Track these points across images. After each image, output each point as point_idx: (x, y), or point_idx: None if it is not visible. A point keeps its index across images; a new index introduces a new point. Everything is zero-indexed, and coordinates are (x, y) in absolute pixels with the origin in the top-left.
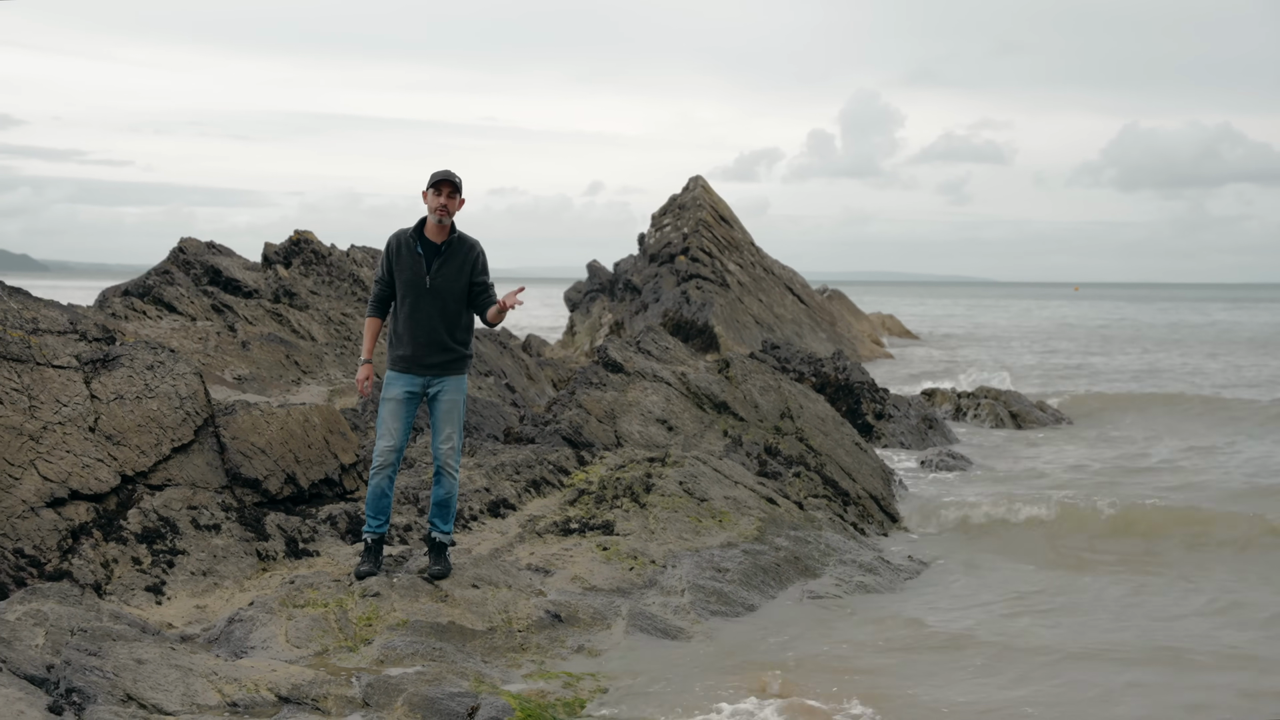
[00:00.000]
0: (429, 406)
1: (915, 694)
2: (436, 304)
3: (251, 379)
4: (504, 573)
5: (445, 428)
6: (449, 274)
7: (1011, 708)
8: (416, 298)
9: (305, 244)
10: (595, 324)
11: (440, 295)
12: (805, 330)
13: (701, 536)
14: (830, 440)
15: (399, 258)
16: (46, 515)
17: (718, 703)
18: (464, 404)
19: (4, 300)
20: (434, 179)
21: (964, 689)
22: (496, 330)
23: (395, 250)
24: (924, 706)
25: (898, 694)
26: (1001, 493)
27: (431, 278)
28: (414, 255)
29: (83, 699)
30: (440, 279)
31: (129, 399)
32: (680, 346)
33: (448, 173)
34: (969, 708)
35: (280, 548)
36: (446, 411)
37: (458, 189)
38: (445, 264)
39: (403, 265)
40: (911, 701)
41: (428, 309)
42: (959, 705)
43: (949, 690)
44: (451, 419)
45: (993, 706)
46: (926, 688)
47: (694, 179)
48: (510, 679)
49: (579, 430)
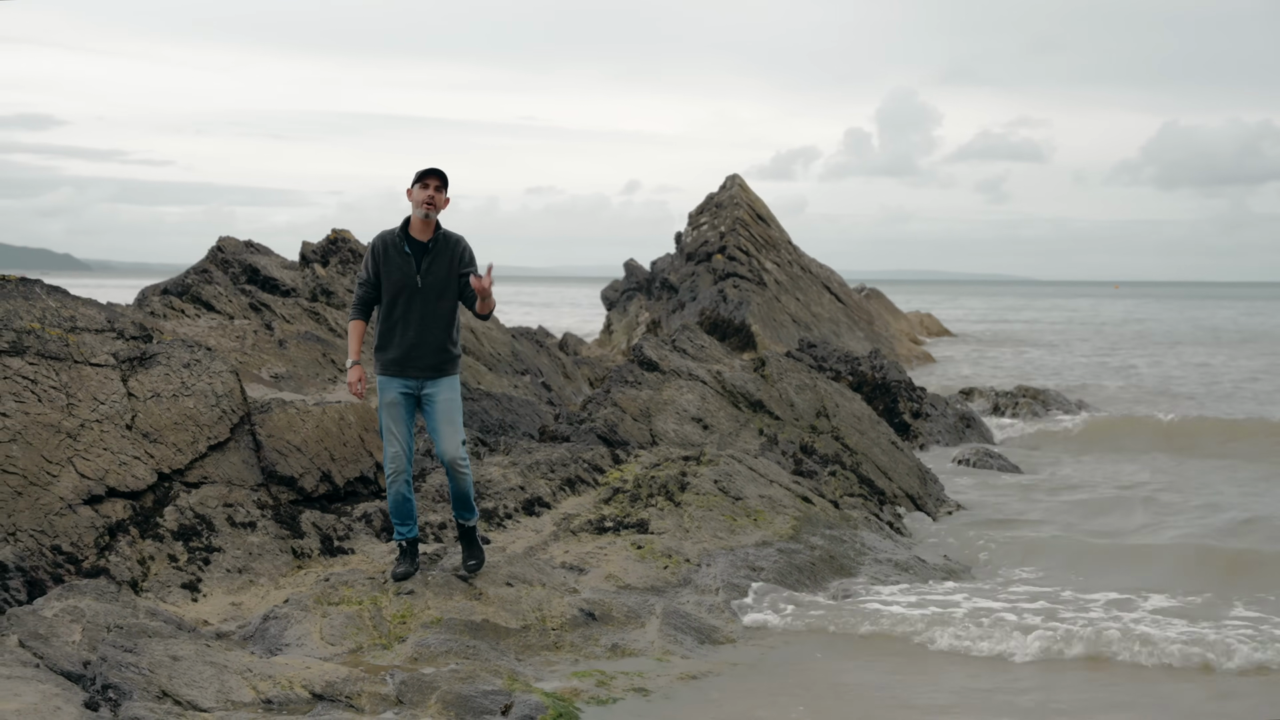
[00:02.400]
0: (424, 410)
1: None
2: (429, 303)
3: (288, 377)
4: (538, 571)
5: (446, 428)
6: (439, 272)
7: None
8: (409, 298)
9: (343, 243)
10: (632, 323)
11: (432, 294)
12: (843, 329)
13: (736, 535)
14: (866, 439)
15: (386, 259)
16: (84, 512)
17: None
18: (460, 401)
19: (42, 298)
20: (420, 173)
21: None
22: (534, 329)
23: (382, 251)
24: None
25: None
26: (1033, 488)
27: (422, 277)
28: (402, 255)
29: (118, 695)
30: (431, 277)
31: (166, 397)
32: (716, 345)
33: (435, 167)
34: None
35: (315, 545)
36: (445, 411)
37: (444, 183)
38: (434, 262)
39: (391, 266)
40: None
41: (420, 309)
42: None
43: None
44: (452, 417)
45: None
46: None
47: (731, 177)
48: (544, 677)
49: (614, 428)
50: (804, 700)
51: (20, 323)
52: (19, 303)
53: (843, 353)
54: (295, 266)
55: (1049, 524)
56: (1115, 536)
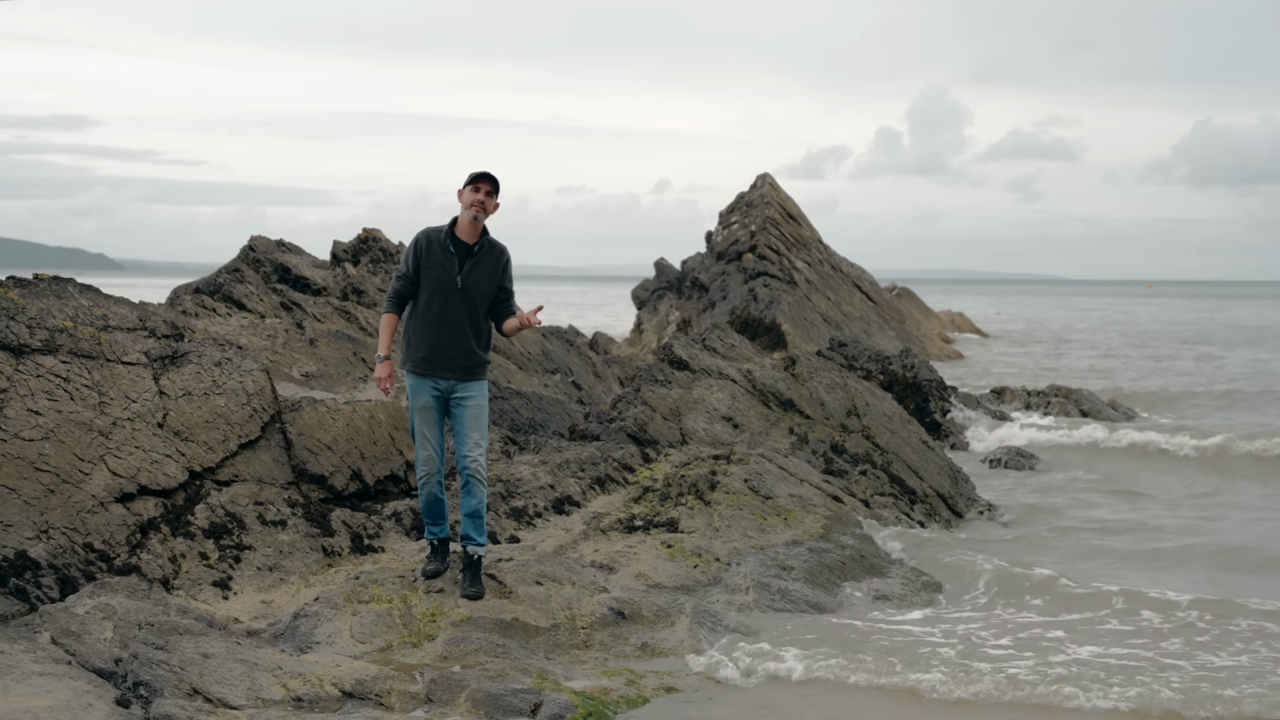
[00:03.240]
0: (451, 413)
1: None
2: (465, 306)
3: (319, 376)
4: (568, 569)
5: (472, 434)
6: (480, 276)
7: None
8: (445, 298)
9: (373, 242)
10: (662, 322)
11: (469, 297)
12: (873, 328)
13: (766, 534)
14: (897, 438)
15: (429, 255)
16: (116, 510)
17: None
18: (487, 408)
19: (75, 297)
20: (473, 177)
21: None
22: (564, 328)
23: (425, 247)
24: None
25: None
26: (1067, 486)
27: (463, 278)
28: (446, 254)
29: (150, 692)
30: (471, 280)
31: (197, 395)
32: (746, 344)
33: (487, 172)
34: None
35: (345, 544)
36: (473, 417)
37: (496, 188)
38: (477, 266)
39: (433, 263)
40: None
41: (456, 310)
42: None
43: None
44: (479, 424)
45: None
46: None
47: (762, 176)
48: (573, 676)
49: (644, 427)
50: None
51: (53, 321)
52: (52, 301)
53: (873, 352)
54: (326, 266)
55: (1077, 522)
56: (1140, 535)
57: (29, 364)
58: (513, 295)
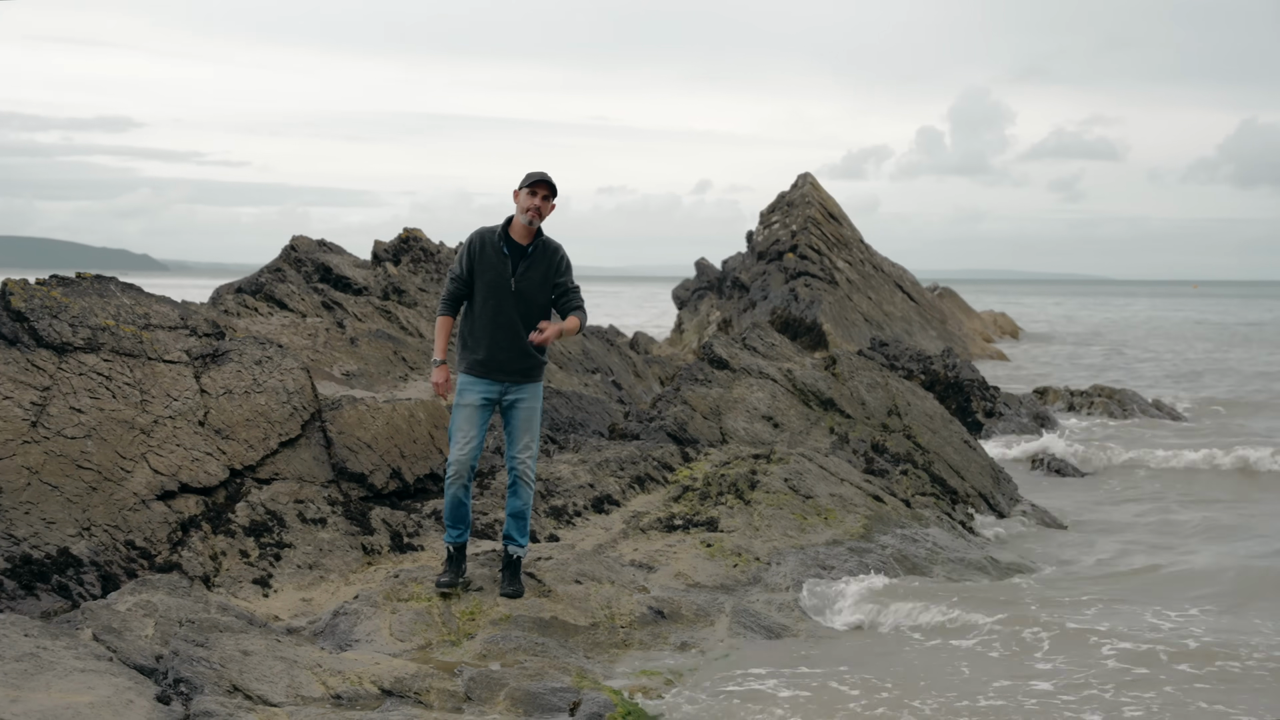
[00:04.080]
0: (504, 414)
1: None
2: (520, 308)
3: (360, 375)
4: (607, 568)
5: (524, 436)
6: (534, 278)
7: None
8: (499, 300)
9: (414, 241)
10: (703, 321)
11: (524, 299)
12: (915, 328)
13: (806, 534)
14: (938, 438)
15: (482, 257)
16: (157, 508)
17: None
18: (541, 411)
19: (117, 296)
20: (531, 180)
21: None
22: (605, 328)
23: (479, 248)
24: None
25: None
26: (1106, 489)
27: (516, 280)
28: (499, 255)
29: (190, 689)
30: (525, 282)
31: (238, 393)
32: (786, 343)
33: (545, 175)
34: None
35: (385, 542)
36: (526, 419)
37: (554, 192)
38: (531, 267)
39: (486, 265)
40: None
41: (510, 313)
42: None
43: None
44: (531, 427)
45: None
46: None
47: (803, 176)
48: (612, 675)
49: (684, 427)
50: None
51: (95, 320)
52: (94, 300)
53: (915, 351)
54: (367, 265)
55: (1122, 524)
56: (1175, 537)
57: (72, 362)
58: (572, 290)
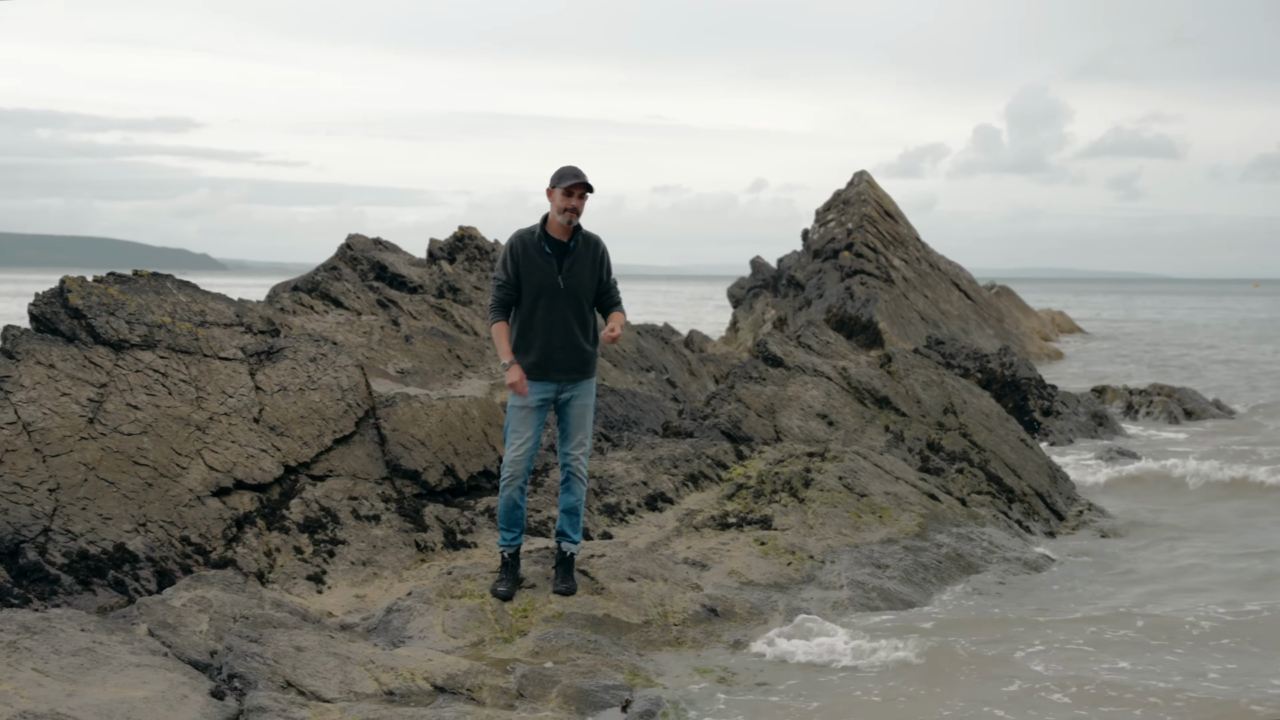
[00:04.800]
0: (558, 411)
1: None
2: (570, 305)
3: (414, 372)
4: (660, 566)
5: (577, 433)
6: (580, 273)
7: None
8: (550, 300)
9: (469, 240)
10: (758, 320)
11: (574, 295)
12: (971, 326)
13: (861, 532)
14: (995, 436)
15: (526, 258)
16: (212, 504)
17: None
18: (594, 408)
19: (173, 293)
20: (566, 180)
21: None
22: (659, 326)
23: (521, 251)
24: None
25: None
26: (1167, 489)
27: (564, 278)
28: (543, 255)
29: (244, 684)
30: (573, 279)
31: (292, 390)
32: (841, 341)
33: (580, 173)
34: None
35: (439, 539)
36: (579, 416)
37: (589, 191)
38: (576, 263)
39: (532, 266)
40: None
41: (562, 310)
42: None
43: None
44: (584, 424)
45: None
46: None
47: (859, 174)
48: (665, 673)
49: (738, 424)
50: (928, 689)
51: (151, 317)
52: (151, 298)
53: (971, 349)
54: (422, 264)
55: (1186, 528)
56: (1239, 537)
57: (128, 359)
58: (614, 286)
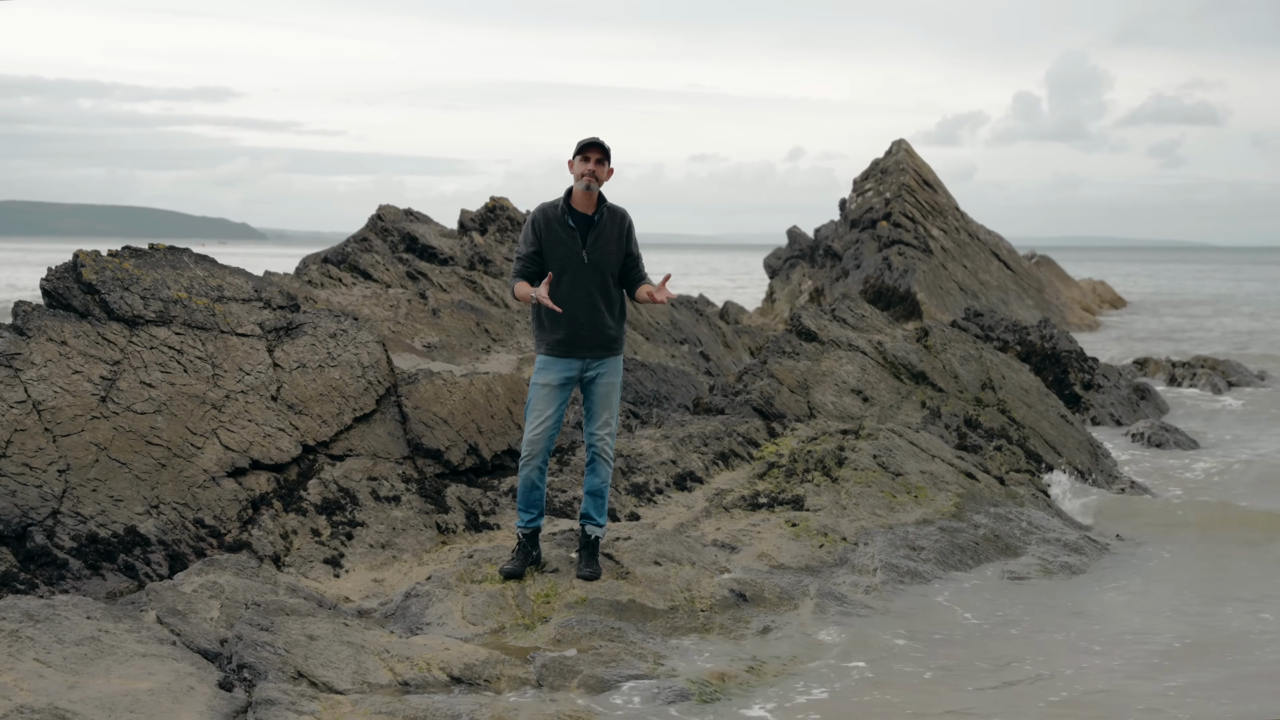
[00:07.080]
0: (584, 389)
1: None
2: (595, 279)
3: (441, 346)
4: (688, 549)
5: (603, 412)
6: (605, 247)
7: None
8: (575, 275)
9: (500, 210)
10: (795, 291)
11: (598, 270)
12: (1011, 297)
13: (896, 513)
14: (1034, 412)
15: (549, 232)
16: (227, 485)
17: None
18: (621, 386)
19: (190, 267)
20: (581, 145)
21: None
22: (694, 297)
23: (544, 224)
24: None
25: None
26: (1212, 465)
27: (588, 252)
28: (567, 229)
29: (253, 675)
30: (596, 253)
31: (311, 368)
32: (877, 314)
33: (596, 139)
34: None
35: (460, 520)
36: (605, 395)
37: (607, 155)
38: (600, 237)
39: (555, 240)
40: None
41: (586, 285)
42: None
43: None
44: (610, 403)
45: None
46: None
47: (897, 142)
48: (690, 660)
49: (770, 401)
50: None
51: (167, 292)
52: (166, 272)
53: (1010, 322)
54: (454, 235)
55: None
56: None
57: (143, 335)
58: (640, 259)
